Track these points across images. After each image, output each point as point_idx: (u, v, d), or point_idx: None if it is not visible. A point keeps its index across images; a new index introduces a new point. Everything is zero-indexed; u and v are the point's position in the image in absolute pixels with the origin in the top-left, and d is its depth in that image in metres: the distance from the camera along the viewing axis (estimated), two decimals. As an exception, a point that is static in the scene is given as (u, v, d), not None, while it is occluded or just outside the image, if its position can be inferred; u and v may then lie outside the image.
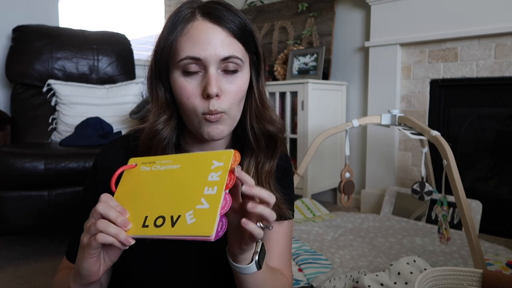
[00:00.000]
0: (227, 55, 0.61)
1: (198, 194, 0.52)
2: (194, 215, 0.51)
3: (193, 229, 0.50)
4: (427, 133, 1.44)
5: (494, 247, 1.66)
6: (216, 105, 0.61)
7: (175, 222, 0.51)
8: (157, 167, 0.57)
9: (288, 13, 2.76)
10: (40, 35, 2.16)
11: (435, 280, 0.86)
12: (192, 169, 0.55)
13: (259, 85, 0.69)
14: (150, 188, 0.56)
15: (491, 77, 1.93)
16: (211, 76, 0.60)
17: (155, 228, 0.52)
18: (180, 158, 0.57)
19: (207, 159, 0.54)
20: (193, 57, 0.60)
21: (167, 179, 0.55)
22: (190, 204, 0.52)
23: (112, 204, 0.53)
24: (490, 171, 2.03)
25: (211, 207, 0.50)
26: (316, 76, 2.41)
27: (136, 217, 0.54)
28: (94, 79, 2.25)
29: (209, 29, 0.61)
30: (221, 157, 0.53)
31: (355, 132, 2.45)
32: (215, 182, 0.52)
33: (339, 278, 1.33)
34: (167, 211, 0.53)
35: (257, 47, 0.67)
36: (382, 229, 1.92)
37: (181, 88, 0.62)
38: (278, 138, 0.71)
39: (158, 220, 0.52)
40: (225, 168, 0.52)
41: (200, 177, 0.53)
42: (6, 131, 2.04)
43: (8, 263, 1.61)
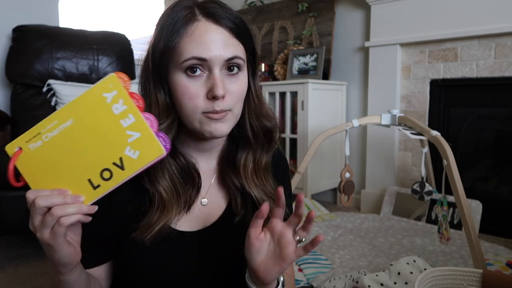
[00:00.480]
0: (231, 56, 0.61)
1: (118, 130, 0.51)
2: (133, 148, 0.51)
3: (143, 159, 0.52)
4: (427, 133, 1.44)
5: (494, 247, 1.66)
6: (221, 105, 0.61)
7: (121, 165, 0.52)
8: (48, 135, 0.51)
9: (288, 13, 2.76)
10: (40, 35, 2.16)
11: (435, 280, 0.86)
12: (88, 115, 0.51)
13: (255, 82, 0.70)
14: (62, 157, 0.52)
15: (491, 77, 1.93)
16: (216, 78, 0.60)
17: (108, 181, 0.52)
18: (65, 112, 0.51)
19: (95, 97, 0.50)
20: (199, 57, 0.59)
21: (72, 138, 0.51)
22: (120, 143, 0.51)
23: (46, 193, 0.51)
24: (490, 171, 2.03)
25: (143, 133, 0.51)
26: (316, 76, 2.41)
27: (78, 187, 0.52)
28: (94, 79, 2.25)
29: (213, 30, 0.60)
30: (108, 86, 0.50)
31: (355, 132, 2.45)
32: (126, 111, 0.50)
33: (339, 278, 1.33)
34: (104, 162, 0.52)
35: (254, 46, 0.67)
36: (382, 229, 1.92)
37: (184, 88, 0.61)
38: (274, 132, 0.72)
39: (104, 174, 0.52)
40: (123, 94, 0.50)
41: (105, 116, 0.51)
42: (6, 131, 2.04)
43: (8, 263, 1.61)
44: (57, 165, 0.52)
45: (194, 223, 0.68)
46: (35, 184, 0.53)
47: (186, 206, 0.66)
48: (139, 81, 0.67)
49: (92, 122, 0.51)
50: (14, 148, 0.52)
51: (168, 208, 0.63)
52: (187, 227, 0.67)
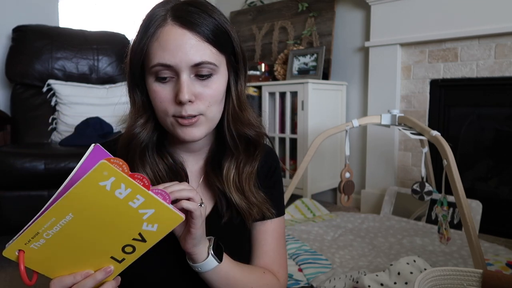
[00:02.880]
0: (199, 61, 0.60)
1: (130, 211, 0.49)
2: (151, 223, 0.51)
3: (164, 229, 0.52)
4: (427, 133, 1.44)
5: (494, 247, 1.66)
6: (189, 110, 0.60)
7: (143, 238, 0.52)
8: (49, 232, 0.49)
9: (288, 13, 2.76)
10: (40, 35, 2.16)
11: (435, 280, 0.86)
12: (88, 206, 0.48)
13: (238, 86, 0.68)
14: (74, 247, 0.51)
15: (491, 77, 1.93)
16: (182, 83, 0.60)
17: (131, 254, 0.53)
18: (60, 208, 0.48)
19: (91, 187, 0.46)
20: (164, 64, 0.59)
21: (78, 230, 0.50)
22: (136, 222, 0.50)
23: (72, 281, 0.52)
24: (490, 171, 2.03)
25: (156, 209, 0.50)
26: (316, 76, 2.41)
27: (101, 265, 0.53)
28: (94, 79, 2.25)
29: (178, 35, 0.59)
30: (102, 174, 0.45)
31: (355, 132, 2.45)
32: (131, 194, 0.48)
33: (339, 278, 1.33)
34: (124, 241, 0.52)
35: (234, 47, 0.66)
36: (382, 229, 1.92)
37: (154, 93, 0.62)
38: (258, 142, 0.71)
39: (126, 249, 0.53)
40: (122, 179, 0.46)
41: (110, 203, 0.48)
42: (6, 131, 2.04)
43: (8, 263, 1.60)
44: (71, 254, 0.51)
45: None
46: (54, 274, 0.52)
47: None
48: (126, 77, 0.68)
49: (96, 211, 0.48)
50: (14, 252, 0.50)
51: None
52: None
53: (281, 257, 0.77)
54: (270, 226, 0.76)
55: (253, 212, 0.70)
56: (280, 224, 0.77)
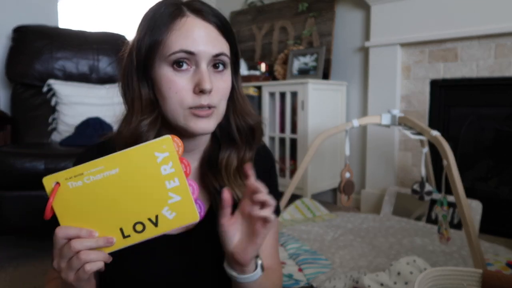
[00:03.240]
0: (218, 52, 0.61)
1: (161, 190, 0.52)
2: (171, 210, 0.53)
3: (178, 221, 0.53)
4: (427, 133, 1.44)
5: (494, 247, 1.66)
6: (208, 100, 0.61)
7: (156, 222, 0.53)
8: (91, 178, 0.51)
9: (288, 13, 2.76)
10: (40, 35, 2.16)
11: (435, 280, 0.86)
12: (135, 169, 0.52)
13: (238, 82, 0.70)
14: (99, 201, 0.52)
15: (491, 77, 1.93)
16: (204, 72, 0.60)
17: (138, 234, 0.53)
18: (113, 161, 0.51)
19: (146, 153, 0.52)
20: (187, 50, 0.59)
21: (113, 186, 0.52)
22: (160, 201, 0.53)
23: (74, 231, 0.52)
24: (490, 171, 2.03)
25: (183, 198, 0.53)
26: (316, 76, 2.41)
27: (107, 232, 0.53)
28: (94, 79, 2.25)
29: (201, 25, 0.61)
30: (161, 147, 0.51)
31: (355, 132, 2.45)
32: (173, 174, 0.52)
33: (339, 278, 1.33)
34: (140, 216, 0.53)
35: (237, 47, 0.68)
36: (382, 229, 1.92)
37: (170, 82, 0.60)
38: (257, 130, 0.72)
39: (137, 227, 0.53)
40: (173, 157, 0.52)
41: (152, 174, 0.52)
42: (6, 131, 2.04)
43: (8, 263, 1.61)
44: (92, 207, 0.53)
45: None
46: (65, 221, 0.53)
47: None
48: (120, 78, 0.65)
49: (138, 176, 0.52)
50: (52, 182, 0.52)
51: None
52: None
53: (278, 253, 0.80)
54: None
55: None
56: (276, 222, 0.80)
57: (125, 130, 0.62)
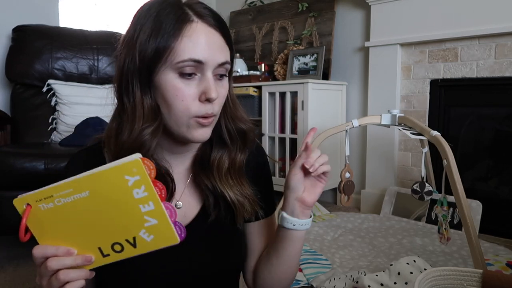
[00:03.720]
0: (224, 61, 0.61)
1: (136, 213, 0.51)
2: (148, 232, 0.52)
3: (157, 243, 0.53)
4: (427, 133, 1.44)
5: (494, 247, 1.66)
6: (211, 109, 0.61)
7: (134, 243, 0.53)
8: (61, 200, 0.51)
9: (288, 13, 2.76)
10: (40, 35, 2.16)
11: (435, 280, 0.86)
12: (106, 192, 0.50)
13: (230, 87, 0.70)
14: (74, 222, 0.52)
15: (491, 77, 1.93)
16: (210, 81, 0.60)
17: (118, 253, 0.53)
18: (81, 183, 0.50)
19: (115, 176, 0.49)
20: (196, 59, 0.58)
21: (86, 208, 0.51)
22: (136, 224, 0.52)
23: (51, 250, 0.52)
24: (490, 171, 2.03)
25: (160, 222, 0.51)
26: (316, 76, 2.41)
27: (86, 250, 0.53)
28: (94, 79, 2.25)
29: (209, 33, 0.60)
30: (131, 170, 0.48)
31: (355, 132, 2.45)
32: (146, 197, 0.50)
33: (339, 278, 1.33)
34: (117, 237, 0.53)
35: (233, 52, 0.68)
36: (382, 229, 1.92)
37: (176, 89, 0.59)
38: (248, 134, 0.72)
39: (115, 247, 0.53)
40: (145, 181, 0.49)
41: (124, 197, 0.50)
42: (6, 131, 2.04)
43: (8, 263, 1.61)
44: (67, 227, 0.52)
45: None
46: (43, 240, 0.53)
47: None
48: (116, 79, 0.64)
49: (109, 199, 0.51)
50: (23, 204, 0.52)
51: None
52: None
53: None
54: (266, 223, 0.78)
55: (246, 205, 0.70)
56: (274, 218, 0.80)
57: (127, 138, 0.60)
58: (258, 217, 0.75)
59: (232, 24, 3.11)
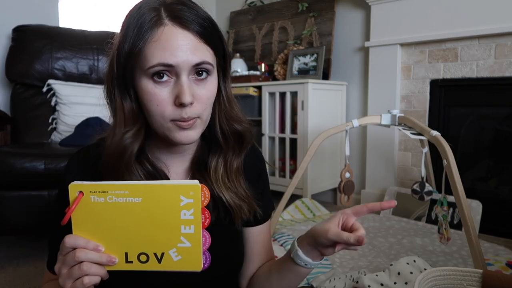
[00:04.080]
0: (199, 61, 0.59)
1: (175, 232, 0.53)
2: (178, 253, 0.54)
3: (181, 265, 0.54)
4: (427, 133, 1.44)
5: (494, 247, 1.66)
6: (189, 112, 0.59)
7: (160, 259, 0.54)
8: (113, 198, 0.52)
9: (288, 13, 2.76)
10: (40, 35, 2.16)
11: (435, 280, 0.86)
12: (157, 204, 0.53)
13: (226, 86, 0.69)
14: (114, 222, 0.54)
15: (491, 77, 1.93)
16: (183, 84, 0.58)
17: (141, 263, 0.55)
18: (139, 189, 0.52)
19: (172, 193, 0.52)
20: (165, 63, 0.57)
21: (132, 213, 0.53)
22: (170, 242, 0.54)
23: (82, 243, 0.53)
24: (490, 171, 2.03)
25: (193, 246, 0.54)
26: (316, 76, 2.41)
27: (113, 251, 0.54)
28: (94, 79, 2.25)
29: (179, 35, 0.58)
30: (189, 193, 0.52)
31: (355, 132, 2.45)
32: (190, 220, 0.52)
33: (339, 278, 1.33)
34: (147, 248, 0.54)
35: (225, 49, 0.66)
36: (382, 229, 1.92)
37: (151, 95, 0.59)
38: (245, 135, 0.71)
39: (141, 257, 0.54)
40: (196, 206, 0.52)
41: (172, 214, 0.52)
42: (6, 131, 2.04)
43: (8, 263, 1.61)
44: (106, 224, 0.54)
45: None
46: (78, 230, 0.54)
47: None
48: (104, 85, 0.64)
49: (157, 212, 0.53)
50: (76, 191, 0.53)
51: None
52: None
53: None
54: (266, 227, 0.79)
55: (243, 208, 0.70)
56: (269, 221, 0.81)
57: (110, 142, 0.62)
58: (255, 222, 0.76)
59: (232, 24, 3.11)
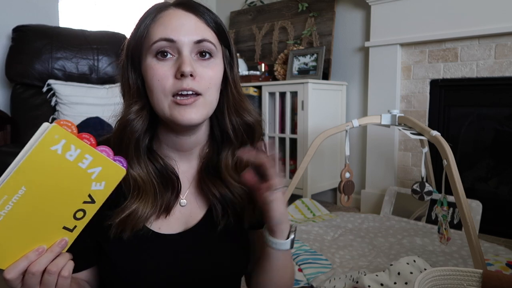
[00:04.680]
0: (200, 38, 0.61)
1: (80, 173, 0.50)
2: (98, 181, 0.51)
3: (110, 185, 0.53)
4: (427, 133, 1.44)
5: (494, 247, 1.66)
6: (190, 84, 0.60)
7: (92, 199, 0.52)
8: (1, 214, 0.47)
9: (288, 13, 2.76)
10: (40, 35, 2.16)
11: (435, 280, 0.86)
12: (40, 174, 0.48)
13: (234, 77, 0.69)
14: (28, 222, 0.49)
15: (491, 77, 1.93)
16: (184, 57, 0.60)
17: (82, 219, 0.52)
18: (12, 184, 0.47)
19: (43, 154, 0.47)
20: (166, 38, 0.60)
21: (32, 203, 0.49)
22: (85, 183, 0.51)
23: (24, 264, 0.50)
24: (490, 171, 2.03)
25: (103, 165, 0.51)
26: (316, 76, 2.41)
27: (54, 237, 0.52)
28: (94, 79, 2.25)
29: (181, 15, 0.62)
30: (53, 139, 0.47)
31: (355, 132, 2.45)
32: (80, 153, 0.49)
33: (339, 278, 1.33)
34: (75, 206, 0.51)
35: (230, 44, 0.68)
36: (382, 229, 1.92)
37: (153, 70, 0.61)
38: (255, 127, 0.70)
39: (77, 214, 0.52)
40: (72, 140, 0.48)
41: (61, 166, 0.48)
42: (6, 131, 2.04)
43: (8, 263, 1.60)
44: (24, 231, 0.49)
45: (175, 225, 0.67)
46: (4, 262, 0.49)
47: (165, 209, 0.65)
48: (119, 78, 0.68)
49: (47, 179, 0.48)
50: None
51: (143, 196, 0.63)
52: (168, 229, 0.66)
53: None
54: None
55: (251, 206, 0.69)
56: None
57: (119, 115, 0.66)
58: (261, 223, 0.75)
59: (232, 24, 3.11)
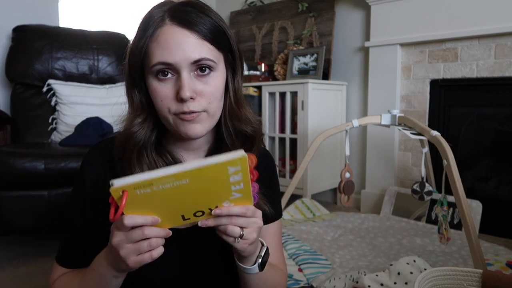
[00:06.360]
0: (198, 58, 0.61)
1: (227, 190, 0.55)
2: (232, 203, 0.57)
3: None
4: (427, 133, 1.44)
5: (494, 247, 1.66)
6: (191, 106, 0.62)
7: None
8: (160, 186, 0.53)
9: (288, 13, 2.76)
10: (40, 35, 2.16)
11: (435, 280, 0.86)
12: (205, 180, 0.54)
13: (235, 83, 0.70)
14: (166, 202, 0.55)
15: (491, 77, 1.93)
16: (183, 80, 0.61)
17: (197, 217, 0.58)
18: (183, 175, 0.52)
19: (219, 168, 0.53)
20: (164, 62, 0.60)
21: (181, 192, 0.54)
22: (223, 198, 0.56)
23: (140, 219, 0.54)
24: (490, 171, 2.03)
25: (244, 196, 0.56)
26: (316, 76, 2.41)
27: (169, 220, 0.57)
28: (94, 79, 2.25)
29: (177, 34, 0.61)
30: (236, 163, 0.53)
31: (355, 132, 2.45)
32: (239, 181, 0.54)
33: (339, 278, 1.33)
34: (202, 208, 0.56)
35: (232, 45, 0.67)
36: (382, 229, 1.92)
37: (155, 91, 0.63)
38: (255, 139, 0.71)
39: (197, 213, 0.57)
40: (244, 172, 0.54)
41: (221, 180, 0.54)
42: (6, 131, 2.04)
43: (8, 263, 1.61)
44: (158, 204, 0.55)
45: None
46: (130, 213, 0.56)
47: None
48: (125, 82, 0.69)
49: (206, 182, 0.54)
50: (119, 191, 0.52)
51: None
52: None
53: (282, 255, 0.82)
54: (272, 228, 0.79)
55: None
56: (280, 225, 0.81)
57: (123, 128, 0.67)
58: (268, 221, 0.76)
59: (232, 24, 3.11)
